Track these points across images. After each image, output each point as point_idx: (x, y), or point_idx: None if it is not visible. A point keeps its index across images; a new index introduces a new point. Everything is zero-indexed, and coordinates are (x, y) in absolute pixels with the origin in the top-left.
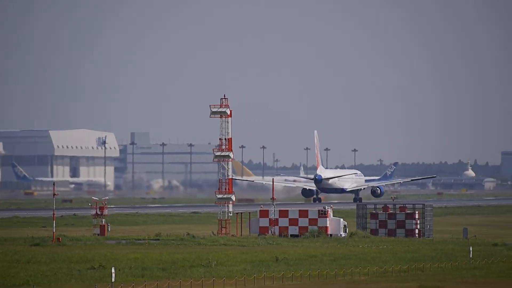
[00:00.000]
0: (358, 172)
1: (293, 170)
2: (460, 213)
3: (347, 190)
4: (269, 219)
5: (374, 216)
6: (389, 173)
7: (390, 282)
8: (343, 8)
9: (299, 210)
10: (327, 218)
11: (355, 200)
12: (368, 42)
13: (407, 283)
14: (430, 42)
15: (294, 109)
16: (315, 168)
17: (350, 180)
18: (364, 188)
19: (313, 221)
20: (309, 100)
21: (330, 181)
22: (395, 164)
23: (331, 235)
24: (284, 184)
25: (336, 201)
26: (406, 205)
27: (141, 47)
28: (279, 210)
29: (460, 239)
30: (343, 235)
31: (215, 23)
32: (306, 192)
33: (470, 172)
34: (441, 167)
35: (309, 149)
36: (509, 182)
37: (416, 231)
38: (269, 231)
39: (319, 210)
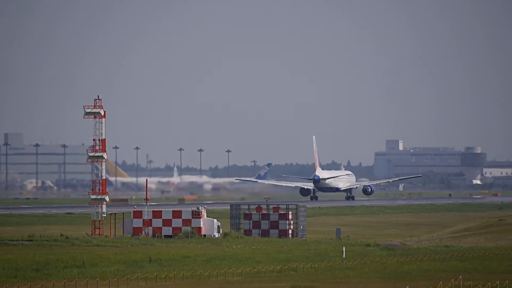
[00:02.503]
0: (350, 173)
1: (167, 171)
2: (333, 213)
3: (341, 189)
4: (143, 219)
5: (247, 216)
6: (263, 173)
7: (264, 282)
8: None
9: (173, 211)
10: (201, 219)
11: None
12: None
13: (281, 283)
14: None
15: (168, 110)
16: (189, 169)
17: (344, 180)
18: (356, 187)
19: (186, 222)
20: (183, 100)
21: (327, 181)
22: (269, 165)
23: (204, 235)
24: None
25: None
26: (280, 206)
27: (14, 47)
28: (153, 211)
29: (333, 239)
30: (216, 236)
31: (84, 27)
32: (303, 191)
33: None
34: (314, 168)
35: (183, 150)
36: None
37: (290, 231)
38: (143, 232)
39: (192, 211)
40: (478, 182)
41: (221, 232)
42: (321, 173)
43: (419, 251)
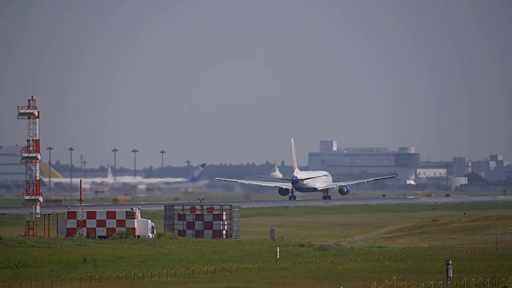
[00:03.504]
0: (327, 173)
1: (101, 171)
2: (267, 214)
3: (319, 189)
4: (77, 220)
5: (181, 217)
6: (197, 174)
7: (198, 283)
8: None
9: (107, 212)
10: (135, 220)
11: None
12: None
13: (215, 284)
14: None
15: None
16: (123, 170)
17: (320, 180)
18: (333, 187)
19: (121, 223)
20: (117, 101)
21: (305, 181)
22: (203, 165)
23: (139, 236)
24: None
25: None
26: (214, 206)
27: None
28: (87, 212)
29: (267, 240)
30: (151, 236)
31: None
32: (282, 191)
33: (278, 173)
34: (249, 168)
35: (117, 150)
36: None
37: (224, 232)
38: (77, 233)
39: (127, 212)
40: (412, 182)
41: (155, 232)
42: (299, 174)
43: (353, 251)
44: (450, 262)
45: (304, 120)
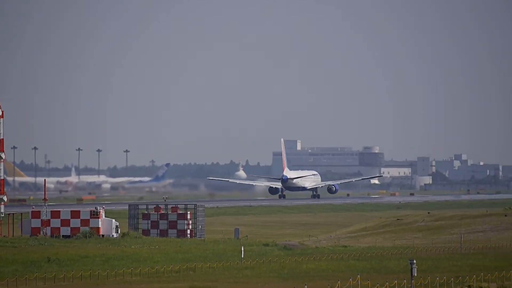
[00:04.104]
0: (316, 173)
1: (65, 171)
2: (231, 213)
3: (308, 188)
4: (41, 220)
5: (146, 216)
6: (161, 174)
7: (162, 282)
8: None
9: (71, 211)
10: (99, 219)
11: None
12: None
13: (179, 283)
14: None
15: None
16: (87, 169)
17: (310, 179)
18: (321, 186)
19: (85, 222)
20: (80, 101)
21: (294, 181)
22: (167, 165)
23: (103, 235)
24: (252, 183)
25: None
26: (178, 206)
27: None
28: (51, 211)
29: (231, 239)
30: (115, 236)
31: None
32: (272, 190)
33: (242, 173)
34: (213, 168)
35: (82, 150)
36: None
37: (188, 231)
38: (41, 232)
39: (91, 211)
40: (376, 181)
41: (119, 232)
42: (288, 173)
43: (317, 251)
44: (414, 261)
45: (269, 119)
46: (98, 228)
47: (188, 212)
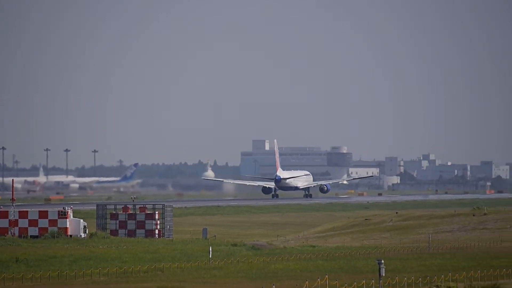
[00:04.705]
0: (308, 172)
1: (33, 171)
2: (200, 213)
3: (300, 188)
4: (9, 220)
5: (114, 216)
6: (129, 174)
7: (130, 282)
8: None
9: (39, 211)
10: (67, 219)
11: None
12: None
13: (147, 284)
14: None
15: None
16: (56, 169)
17: (302, 179)
18: (314, 186)
19: (53, 222)
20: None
21: (287, 180)
22: (135, 165)
23: (71, 235)
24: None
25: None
26: (146, 206)
27: None
28: (19, 211)
29: (200, 239)
30: (83, 236)
31: None
32: (265, 190)
33: (210, 173)
34: (181, 168)
35: (50, 150)
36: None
37: (156, 231)
38: (9, 232)
39: (59, 211)
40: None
41: (87, 232)
42: (282, 174)
43: (286, 250)
44: (382, 261)
45: (237, 119)
46: (66, 228)
47: (156, 212)
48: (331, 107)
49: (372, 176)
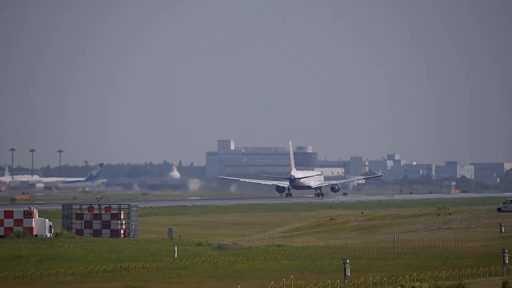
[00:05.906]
0: (320, 172)
1: None
2: (165, 213)
3: (313, 187)
4: None
5: (79, 216)
6: (95, 174)
7: (96, 282)
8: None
9: (4, 211)
10: (33, 219)
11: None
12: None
13: (112, 283)
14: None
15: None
16: (21, 169)
17: (314, 179)
18: (325, 185)
19: (18, 222)
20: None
21: (301, 180)
22: (101, 165)
23: (36, 235)
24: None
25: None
26: (112, 206)
27: None
28: None
29: (165, 239)
30: (48, 236)
31: None
32: (279, 188)
33: (175, 173)
34: (147, 168)
35: (15, 150)
36: (213, 184)
37: (122, 231)
38: None
39: (24, 211)
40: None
41: (53, 232)
42: (296, 173)
43: (251, 250)
44: (348, 261)
45: (202, 119)
46: (32, 228)
47: (122, 212)
48: (296, 107)
49: (380, 176)
